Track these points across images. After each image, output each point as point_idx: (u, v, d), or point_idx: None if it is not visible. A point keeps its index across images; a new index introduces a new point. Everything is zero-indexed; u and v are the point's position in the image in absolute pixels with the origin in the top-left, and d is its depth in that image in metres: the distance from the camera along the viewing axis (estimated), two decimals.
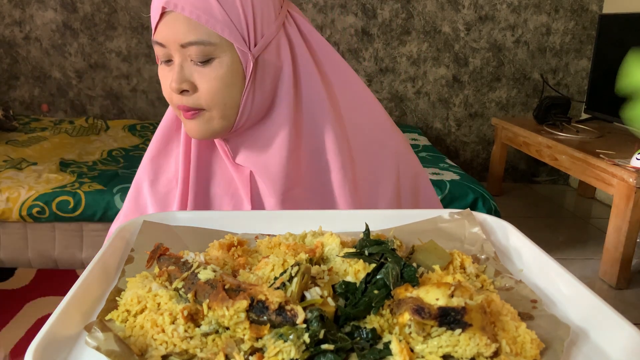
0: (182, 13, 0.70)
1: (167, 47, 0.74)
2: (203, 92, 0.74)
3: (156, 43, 0.75)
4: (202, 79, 0.74)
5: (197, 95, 0.75)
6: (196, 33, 0.71)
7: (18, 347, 1.77)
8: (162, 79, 0.77)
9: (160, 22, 0.73)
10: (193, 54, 0.72)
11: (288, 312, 0.43)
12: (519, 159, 3.73)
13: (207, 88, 0.74)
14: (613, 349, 0.46)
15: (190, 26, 0.71)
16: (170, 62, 0.75)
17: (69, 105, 3.39)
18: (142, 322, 0.45)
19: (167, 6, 0.71)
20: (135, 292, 0.48)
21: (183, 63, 0.74)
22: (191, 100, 0.75)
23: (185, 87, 0.74)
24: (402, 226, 0.68)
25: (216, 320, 0.44)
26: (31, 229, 2.18)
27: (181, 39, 0.72)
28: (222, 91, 0.75)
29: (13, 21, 3.21)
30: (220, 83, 0.74)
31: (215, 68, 0.73)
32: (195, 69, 0.74)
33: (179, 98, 0.76)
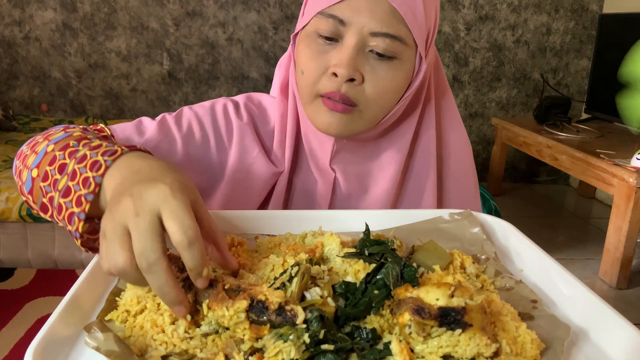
0: (391, 1, 0.65)
1: (347, 25, 0.66)
2: (370, 89, 0.68)
3: (331, 17, 0.66)
4: (374, 74, 0.67)
5: (360, 88, 0.68)
6: (395, 26, 0.65)
7: (18, 347, 1.77)
8: (311, 57, 0.69)
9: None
10: (379, 45, 0.66)
11: (288, 312, 0.42)
12: (519, 159, 3.73)
13: (377, 86, 0.68)
14: (613, 349, 0.46)
15: (392, 17, 0.65)
16: (333, 40, 0.67)
17: (68, 105, 3.39)
18: (142, 323, 0.45)
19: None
20: (135, 292, 0.48)
21: (359, 49, 0.66)
22: (351, 92, 0.67)
23: (355, 76, 0.66)
24: (402, 226, 0.68)
25: (216, 321, 0.44)
26: (31, 229, 2.18)
27: (376, 27, 0.65)
28: (390, 94, 0.70)
29: (13, 21, 3.21)
30: (392, 84, 0.69)
31: (395, 68, 0.68)
32: (370, 61, 0.67)
33: (336, 84, 0.67)
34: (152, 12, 3.26)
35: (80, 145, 0.57)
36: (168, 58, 3.34)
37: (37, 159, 0.60)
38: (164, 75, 3.37)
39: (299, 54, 0.72)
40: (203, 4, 3.27)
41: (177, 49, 3.33)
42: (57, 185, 0.55)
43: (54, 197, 0.55)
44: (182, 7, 3.26)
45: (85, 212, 0.51)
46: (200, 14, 3.29)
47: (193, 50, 3.34)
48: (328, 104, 0.69)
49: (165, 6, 3.26)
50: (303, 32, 0.72)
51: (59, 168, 0.56)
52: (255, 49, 3.37)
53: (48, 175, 0.57)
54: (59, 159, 0.57)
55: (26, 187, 0.60)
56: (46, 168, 0.57)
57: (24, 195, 0.63)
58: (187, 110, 0.80)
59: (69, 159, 0.56)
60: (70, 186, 0.53)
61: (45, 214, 0.59)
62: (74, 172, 0.54)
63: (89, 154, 0.54)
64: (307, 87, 0.70)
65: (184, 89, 3.40)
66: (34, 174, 0.59)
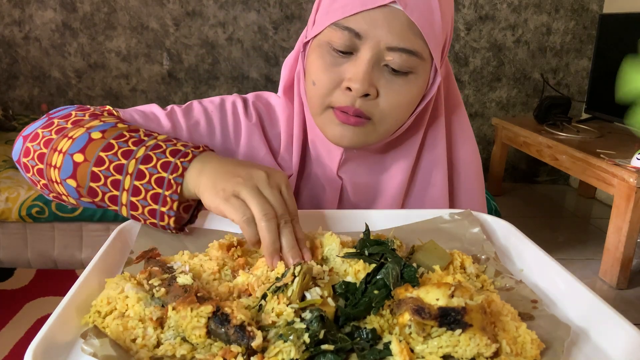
0: (410, 15, 0.63)
1: (363, 39, 0.64)
2: (384, 104, 0.66)
3: (347, 29, 0.64)
4: (389, 89, 0.66)
5: (374, 103, 0.66)
6: (412, 41, 0.64)
7: (18, 347, 1.77)
8: (324, 69, 0.67)
9: (369, 11, 0.63)
10: (395, 60, 0.64)
11: (247, 332, 0.42)
12: (519, 159, 3.73)
13: (391, 101, 0.66)
14: (613, 349, 0.46)
15: (409, 31, 0.63)
16: (348, 54, 0.66)
17: (68, 105, 3.38)
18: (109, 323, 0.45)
19: (398, 1, 0.62)
20: (107, 293, 0.48)
21: (374, 63, 0.65)
22: (365, 106, 0.66)
23: (370, 92, 0.65)
24: (402, 226, 0.68)
25: (176, 322, 0.44)
26: (30, 229, 2.18)
27: (393, 42, 0.63)
28: (404, 108, 0.69)
29: (12, 21, 3.21)
30: (407, 100, 0.68)
31: (410, 83, 0.66)
32: (385, 75, 0.66)
33: (350, 98, 0.66)
34: (152, 12, 3.26)
35: (142, 136, 0.64)
36: (168, 58, 3.34)
37: (77, 144, 0.63)
38: (163, 75, 3.37)
39: (311, 64, 0.70)
40: (203, 4, 3.27)
41: (177, 49, 3.33)
42: (125, 169, 0.61)
43: (119, 180, 0.61)
44: (182, 7, 3.26)
45: (178, 193, 0.60)
46: (200, 14, 3.29)
47: (193, 50, 3.34)
48: (340, 116, 0.67)
49: (165, 6, 3.26)
50: (315, 41, 0.69)
51: (122, 154, 0.62)
52: (255, 49, 3.37)
53: (104, 161, 0.62)
54: (119, 146, 0.62)
55: (64, 172, 0.63)
56: (100, 154, 0.62)
57: (46, 177, 0.66)
58: (197, 104, 0.80)
59: (135, 146, 0.63)
60: (144, 170, 0.61)
61: (93, 198, 0.64)
62: (147, 157, 0.62)
63: (163, 144, 0.63)
64: (318, 98, 0.69)
65: (184, 89, 3.40)
66: (77, 158, 0.62)
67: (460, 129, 0.83)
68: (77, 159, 0.63)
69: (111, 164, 0.61)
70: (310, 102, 0.72)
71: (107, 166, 0.61)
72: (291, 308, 0.45)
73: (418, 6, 0.63)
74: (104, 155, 0.62)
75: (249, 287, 0.50)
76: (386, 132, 0.71)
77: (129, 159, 0.61)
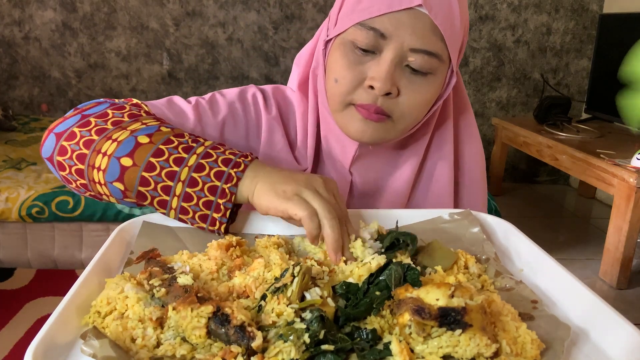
0: (434, 19, 0.65)
1: (387, 39, 0.66)
2: (404, 103, 0.69)
3: (372, 29, 0.66)
4: (410, 88, 0.68)
5: (395, 101, 0.69)
6: (434, 43, 0.66)
7: (18, 347, 1.77)
8: (347, 67, 0.68)
9: (395, 13, 0.65)
10: (417, 61, 0.66)
11: (248, 333, 0.42)
12: (519, 159, 3.73)
13: (411, 100, 0.69)
14: (613, 349, 0.46)
15: (432, 34, 0.65)
16: (370, 52, 0.67)
17: (68, 105, 3.39)
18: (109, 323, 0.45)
19: (424, 4, 0.64)
20: (107, 293, 0.48)
21: (397, 63, 0.67)
22: (387, 104, 0.68)
23: (392, 91, 0.67)
24: (402, 227, 0.68)
25: (176, 322, 0.44)
26: (30, 229, 2.18)
27: (416, 44, 0.65)
28: (423, 107, 0.71)
29: (12, 21, 3.21)
30: (426, 99, 0.70)
31: (429, 83, 0.69)
32: (407, 75, 0.68)
33: (372, 96, 0.68)
34: (152, 12, 3.26)
35: (190, 142, 0.65)
36: (168, 58, 3.34)
37: (123, 148, 0.63)
38: (163, 75, 3.37)
39: (334, 62, 0.71)
40: (203, 3, 3.27)
41: (177, 49, 3.33)
42: (178, 176, 0.62)
43: (170, 187, 0.62)
44: (182, 7, 3.26)
45: (231, 202, 0.62)
46: (200, 14, 3.29)
47: (193, 50, 3.34)
48: (363, 112, 0.69)
49: (165, 6, 3.26)
50: (338, 39, 0.70)
51: (174, 161, 0.63)
52: (255, 49, 3.37)
53: (155, 166, 0.62)
54: (169, 152, 0.63)
55: (110, 175, 0.63)
56: (150, 159, 0.62)
57: (87, 178, 0.65)
58: (220, 98, 0.81)
59: (186, 153, 0.63)
60: (197, 178, 0.62)
61: (144, 201, 0.65)
62: (199, 165, 0.63)
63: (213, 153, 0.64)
64: (339, 96, 0.70)
65: (184, 89, 3.40)
66: (125, 162, 0.63)
67: (467, 130, 0.85)
68: (125, 163, 0.63)
69: (162, 170, 0.62)
70: (331, 99, 0.73)
71: (159, 172, 0.62)
72: (291, 308, 0.45)
73: (442, 10, 0.65)
74: (155, 161, 0.63)
75: (246, 288, 0.50)
76: (404, 129, 0.73)
77: (182, 167, 0.62)
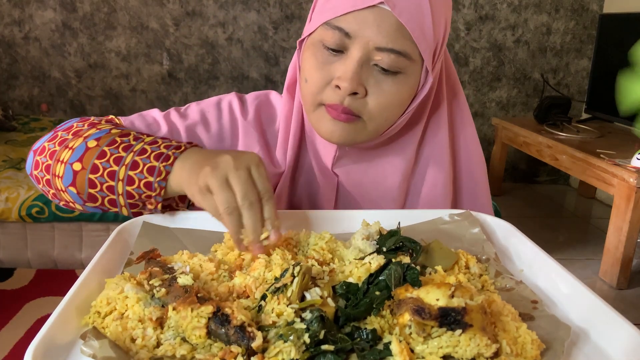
0: (398, 17, 0.63)
1: (352, 38, 0.65)
2: (373, 102, 0.67)
3: (337, 29, 0.65)
4: (378, 88, 0.67)
5: (363, 101, 0.67)
6: (401, 42, 0.64)
7: (18, 347, 1.77)
8: (316, 67, 0.68)
9: (360, 11, 0.64)
10: (384, 60, 0.65)
11: (247, 333, 0.42)
12: (519, 159, 3.73)
13: (380, 100, 0.67)
14: (613, 349, 0.46)
15: (398, 33, 0.64)
16: (339, 52, 0.66)
17: (68, 105, 3.39)
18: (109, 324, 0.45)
19: (386, 2, 0.63)
20: (107, 293, 0.48)
21: (363, 63, 0.66)
22: (354, 104, 0.67)
23: (358, 90, 0.66)
24: (402, 227, 0.68)
25: (176, 322, 0.44)
26: (30, 229, 2.18)
27: (382, 42, 0.64)
28: (393, 108, 0.70)
29: (12, 21, 3.21)
30: (396, 99, 0.68)
31: (398, 82, 0.67)
32: (375, 74, 0.66)
33: (339, 96, 0.67)
34: (152, 12, 3.26)
35: (132, 140, 0.69)
36: (168, 58, 3.34)
37: (75, 154, 0.68)
38: (163, 75, 3.37)
39: (304, 62, 0.71)
40: (203, 3, 3.27)
41: (177, 49, 3.33)
42: (117, 175, 0.66)
43: (113, 186, 0.66)
44: (182, 7, 3.26)
45: (161, 195, 0.66)
46: (200, 14, 3.29)
47: (193, 50, 3.34)
48: (332, 112, 0.68)
49: (165, 6, 3.26)
50: (309, 40, 0.71)
51: (114, 160, 0.66)
52: (255, 49, 3.37)
53: (99, 168, 0.67)
54: (111, 153, 0.67)
55: (65, 180, 0.68)
56: (95, 161, 0.67)
57: (54, 187, 0.70)
58: (194, 105, 0.83)
59: (125, 152, 0.67)
60: (133, 176, 0.65)
61: (94, 203, 0.69)
62: (134, 163, 0.66)
63: (149, 148, 0.67)
64: (310, 96, 0.70)
65: (184, 89, 3.40)
66: (76, 167, 0.67)
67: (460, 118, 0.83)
68: (76, 168, 0.67)
69: (105, 170, 0.67)
70: (303, 99, 0.73)
71: (102, 173, 0.67)
72: (291, 308, 0.45)
73: (407, 8, 0.64)
74: (99, 163, 0.67)
75: (246, 288, 0.50)
76: (376, 131, 0.71)
77: (120, 165, 0.66)
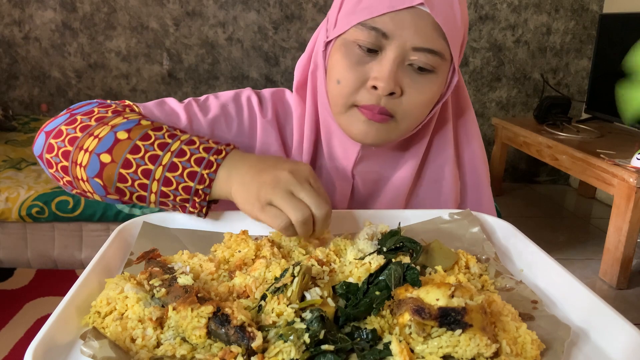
0: (435, 17, 0.64)
1: (390, 39, 0.65)
2: (407, 102, 0.68)
3: (374, 29, 0.65)
4: (413, 87, 0.68)
5: (398, 101, 0.68)
6: (436, 42, 0.66)
7: (18, 347, 1.77)
8: (349, 67, 0.68)
9: (397, 12, 0.64)
10: (420, 60, 0.66)
11: (247, 333, 0.42)
12: (519, 159, 3.73)
13: (414, 100, 0.68)
14: (613, 349, 0.46)
15: (434, 33, 0.65)
16: (373, 52, 0.67)
17: (68, 105, 3.38)
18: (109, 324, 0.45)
19: (425, 3, 0.64)
20: (107, 293, 0.48)
21: (399, 63, 0.66)
22: (390, 104, 0.68)
23: (395, 90, 0.66)
24: (402, 227, 0.68)
25: (176, 322, 0.44)
26: (30, 229, 2.18)
27: (419, 42, 0.65)
28: (425, 106, 0.71)
29: (12, 21, 3.21)
30: (428, 98, 0.70)
31: (431, 81, 0.68)
32: (409, 74, 0.67)
33: (375, 97, 0.67)
34: (152, 12, 3.26)
35: (167, 137, 0.66)
36: (168, 58, 3.34)
37: (104, 144, 0.65)
38: (163, 75, 3.37)
39: (335, 63, 0.70)
40: (203, 4, 3.27)
41: (177, 49, 3.33)
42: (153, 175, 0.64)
43: (147, 184, 0.64)
44: (182, 7, 3.26)
45: (210, 188, 0.64)
46: (200, 14, 3.29)
47: (193, 50, 3.34)
48: (366, 113, 0.69)
49: (165, 6, 3.26)
50: (339, 40, 0.70)
51: (149, 158, 0.64)
52: (255, 49, 3.37)
53: (132, 164, 0.64)
54: (145, 149, 0.64)
55: (90, 170, 0.65)
56: (127, 156, 0.64)
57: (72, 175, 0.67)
58: (213, 98, 0.81)
59: (161, 150, 0.65)
60: (171, 178, 0.64)
61: (121, 196, 0.67)
62: (173, 164, 0.64)
63: (187, 150, 0.65)
64: (342, 97, 0.70)
65: (184, 89, 3.40)
66: (104, 159, 0.65)
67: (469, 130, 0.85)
68: (104, 160, 0.65)
69: (139, 167, 0.64)
70: (333, 100, 0.72)
71: (135, 169, 0.64)
72: (291, 308, 0.45)
73: (443, 8, 0.65)
74: (132, 158, 0.64)
75: (246, 288, 0.50)
76: (407, 129, 0.72)
77: (156, 165, 0.64)
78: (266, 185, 0.59)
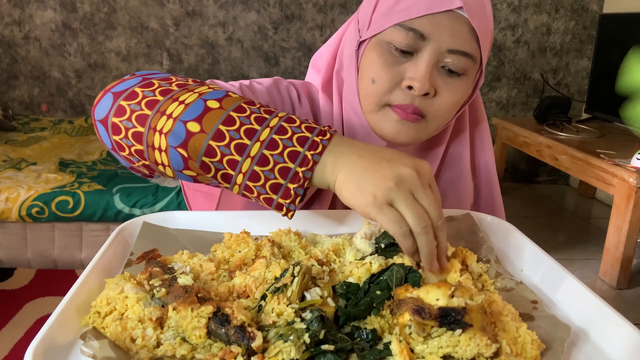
0: (471, 21, 0.66)
1: (427, 40, 0.67)
2: (439, 102, 0.70)
3: (412, 30, 0.67)
4: (445, 89, 0.69)
5: (430, 102, 0.69)
6: (471, 45, 0.68)
7: (18, 347, 1.77)
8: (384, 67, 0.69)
9: (435, 14, 0.66)
10: (454, 62, 0.68)
11: (247, 333, 0.42)
12: (519, 159, 3.73)
13: (446, 100, 0.70)
14: (613, 349, 0.46)
15: (469, 36, 0.67)
16: (409, 54, 0.68)
17: (68, 105, 3.39)
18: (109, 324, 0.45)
19: (464, 7, 0.65)
20: (106, 293, 0.48)
21: (434, 64, 0.68)
22: (423, 105, 0.69)
23: (430, 91, 0.68)
24: None
25: (176, 322, 0.44)
26: (30, 229, 2.18)
27: (455, 45, 0.67)
28: (455, 107, 0.72)
29: (12, 21, 3.21)
30: (459, 98, 0.71)
31: (462, 83, 0.70)
32: (443, 76, 0.69)
33: (410, 97, 0.69)
34: (152, 12, 3.26)
35: (263, 112, 0.57)
36: (168, 58, 3.34)
37: (192, 111, 0.56)
38: None
39: (370, 63, 0.71)
40: (203, 4, 3.27)
41: (177, 49, 3.33)
42: (248, 151, 0.55)
43: (238, 161, 0.55)
44: (182, 7, 3.26)
45: (303, 188, 0.55)
46: (200, 14, 3.29)
47: (193, 50, 3.34)
48: (400, 112, 0.69)
49: (165, 6, 3.26)
50: (374, 40, 0.70)
51: (245, 132, 0.55)
52: (255, 49, 3.37)
53: (225, 136, 0.55)
54: (241, 122, 0.56)
55: (173, 139, 0.56)
56: (220, 127, 0.55)
57: (145, 143, 0.58)
58: (256, 84, 0.78)
59: (259, 125, 0.56)
60: (268, 156, 0.55)
61: (207, 173, 0.57)
62: (272, 141, 0.55)
63: (288, 127, 0.56)
64: (375, 96, 0.70)
65: None
66: (192, 127, 0.55)
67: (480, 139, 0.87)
68: (192, 129, 0.56)
69: (232, 141, 0.55)
70: (366, 99, 0.73)
71: (227, 143, 0.55)
72: (291, 308, 0.45)
73: (478, 13, 0.67)
74: (225, 130, 0.56)
75: (246, 288, 0.50)
76: (436, 129, 0.74)
77: (253, 140, 0.55)
78: (387, 182, 0.52)
